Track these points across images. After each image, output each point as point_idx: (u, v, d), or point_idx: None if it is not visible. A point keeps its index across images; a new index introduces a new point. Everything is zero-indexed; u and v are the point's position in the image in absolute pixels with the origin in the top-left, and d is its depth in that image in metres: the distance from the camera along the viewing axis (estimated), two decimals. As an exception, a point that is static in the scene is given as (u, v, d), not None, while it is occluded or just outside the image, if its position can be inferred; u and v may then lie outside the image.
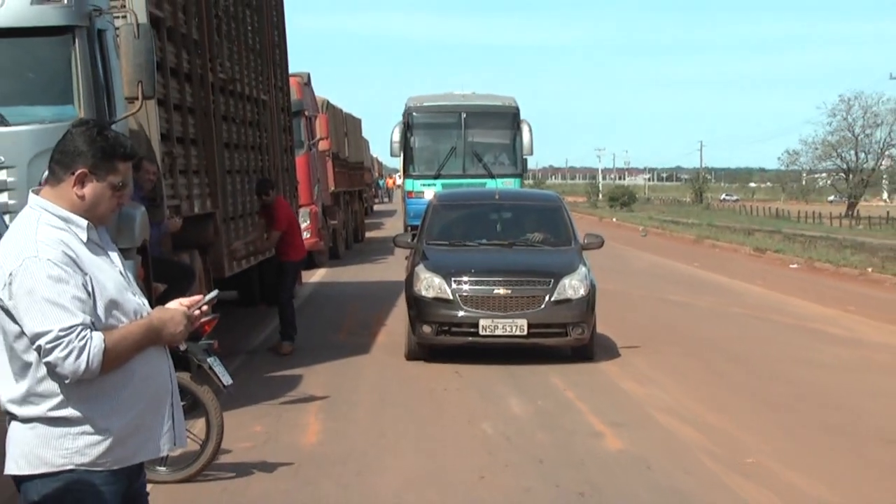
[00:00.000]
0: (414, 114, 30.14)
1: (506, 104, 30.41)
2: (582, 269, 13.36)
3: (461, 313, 13.00)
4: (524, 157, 30.14)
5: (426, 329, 13.07)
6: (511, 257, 13.93)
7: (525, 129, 29.65)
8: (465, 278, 13.16)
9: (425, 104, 30.65)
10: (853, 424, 10.40)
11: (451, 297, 13.03)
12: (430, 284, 13.15)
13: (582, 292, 13.11)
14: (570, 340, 13.18)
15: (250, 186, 15.71)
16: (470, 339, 13.06)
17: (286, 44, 20.26)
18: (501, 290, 13.06)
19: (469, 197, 17.19)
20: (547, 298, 13.01)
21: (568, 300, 13.05)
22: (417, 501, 7.80)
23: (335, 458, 8.96)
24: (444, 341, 13.17)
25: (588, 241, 14.15)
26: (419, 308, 13.13)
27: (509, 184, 27.91)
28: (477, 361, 13.12)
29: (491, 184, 26.39)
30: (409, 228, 23.81)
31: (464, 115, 29.86)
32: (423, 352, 13.37)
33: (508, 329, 12.90)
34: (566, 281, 13.11)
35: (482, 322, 12.91)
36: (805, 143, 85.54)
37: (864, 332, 16.58)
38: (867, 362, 13.92)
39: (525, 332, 12.92)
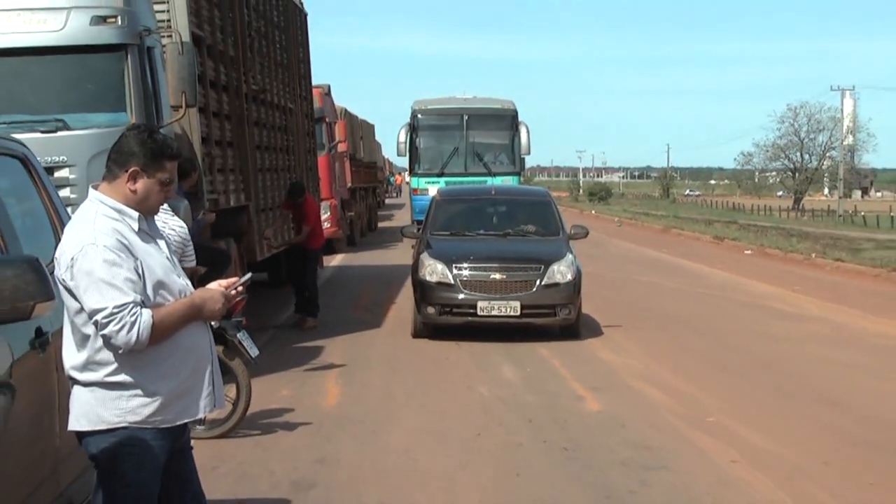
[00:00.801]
0: (419, 116, 28.81)
1: (505, 107, 29.02)
2: (569, 257, 13.28)
3: (461, 296, 12.90)
4: (522, 156, 28.78)
5: (430, 310, 12.98)
6: (506, 246, 13.80)
7: (523, 130, 28.30)
8: (465, 265, 13.06)
9: (430, 107, 29.25)
10: (799, 388, 10.40)
11: (452, 282, 12.93)
12: (434, 270, 13.06)
13: (569, 277, 13.03)
14: (558, 320, 13.06)
15: (279, 183, 15.72)
16: (469, 318, 12.94)
17: (310, 59, 20.23)
18: (497, 276, 12.98)
19: (468, 192, 16.99)
20: (538, 282, 12.91)
21: (556, 284, 12.95)
22: (423, 455, 7.80)
23: (352, 417, 8.96)
24: (446, 321, 13.07)
25: (574, 231, 14.07)
26: (424, 291, 13.05)
27: (508, 181, 26.71)
28: (475, 338, 13.08)
29: (490, 181, 25.39)
30: (416, 223, 23.34)
31: (465, 118, 28.52)
32: (427, 330, 13.26)
33: (503, 310, 12.80)
34: (555, 267, 13.02)
35: (480, 304, 12.82)
36: (757, 146, 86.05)
37: (808, 309, 16.56)
38: (811, 334, 13.91)
39: (518, 313, 12.81)
